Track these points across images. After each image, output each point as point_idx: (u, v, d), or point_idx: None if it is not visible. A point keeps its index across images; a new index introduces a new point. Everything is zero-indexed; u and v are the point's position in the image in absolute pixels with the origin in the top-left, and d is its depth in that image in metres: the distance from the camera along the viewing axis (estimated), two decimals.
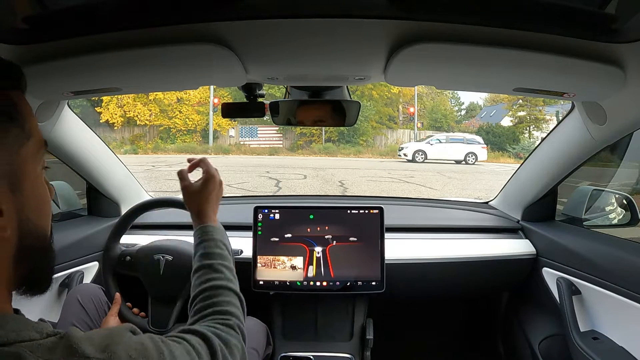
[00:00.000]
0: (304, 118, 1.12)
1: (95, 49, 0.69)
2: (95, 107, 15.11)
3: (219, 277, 0.66)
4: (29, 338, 0.36)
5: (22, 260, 0.41)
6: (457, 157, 13.42)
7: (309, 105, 1.11)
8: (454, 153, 13.52)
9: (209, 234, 0.73)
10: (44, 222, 0.44)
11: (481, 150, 13.77)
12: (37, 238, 0.43)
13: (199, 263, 0.69)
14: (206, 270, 0.67)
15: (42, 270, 0.44)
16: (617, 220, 1.42)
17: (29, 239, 0.41)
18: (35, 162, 0.43)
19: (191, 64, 0.76)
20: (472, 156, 13.49)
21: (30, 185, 0.42)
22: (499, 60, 0.71)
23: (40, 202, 0.44)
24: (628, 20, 0.62)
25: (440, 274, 1.33)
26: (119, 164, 1.36)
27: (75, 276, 1.17)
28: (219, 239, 0.73)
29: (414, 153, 13.43)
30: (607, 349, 1.02)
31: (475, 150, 13.63)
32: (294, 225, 1.23)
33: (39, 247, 0.43)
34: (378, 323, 1.27)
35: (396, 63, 0.72)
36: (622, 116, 0.89)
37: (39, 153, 0.44)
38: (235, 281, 0.67)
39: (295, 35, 0.70)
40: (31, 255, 0.42)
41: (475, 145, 13.84)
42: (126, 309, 1.04)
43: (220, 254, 0.70)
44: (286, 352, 1.22)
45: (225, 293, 0.64)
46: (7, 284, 0.40)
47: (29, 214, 0.41)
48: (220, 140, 16.32)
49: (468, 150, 13.56)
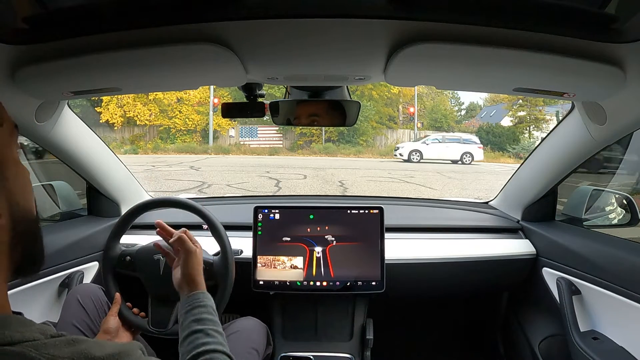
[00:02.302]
0: (304, 118, 1.12)
1: (95, 49, 0.69)
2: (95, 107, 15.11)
3: (213, 342, 0.69)
4: (32, 338, 0.37)
5: (17, 245, 0.41)
6: (453, 157, 13.41)
7: (309, 105, 1.11)
8: (450, 153, 13.50)
9: (200, 300, 0.77)
10: (29, 202, 0.45)
11: (477, 150, 13.77)
12: (28, 220, 0.43)
13: (191, 328, 0.71)
14: (200, 335, 0.70)
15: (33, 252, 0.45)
16: (617, 220, 1.42)
17: (20, 224, 0.42)
18: (11, 146, 0.44)
19: (191, 64, 0.76)
20: (468, 156, 13.46)
21: (13, 169, 0.43)
22: (499, 60, 0.71)
23: (24, 183, 0.45)
24: (628, 20, 0.62)
25: (440, 274, 1.33)
26: (119, 164, 1.36)
27: (75, 276, 1.16)
28: (210, 305, 0.77)
29: (410, 153, 13.41)
30: (607, 349, 1.02)
31: (472, 150, 13.62)
32: (294, 225, 1.23)
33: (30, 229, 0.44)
34: (378, 323, 1.27)
35: (396, 63, 0.72)
36: (622, 116, 0.90)
37: (12, 136, 0.45)
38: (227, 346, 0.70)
39: (295, 35, 0.70)
40: (25, 239, 0.43)
41: (471, 145, 13.82)
42: (126, 309, 1.04)
43: (212, 319, 0.74)
44: (286, 352, 1.22)
45: (221, 357, 0.67)
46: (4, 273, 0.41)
47: (17, 197, 0.42)
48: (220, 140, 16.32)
49: (464, 150, 13.55)
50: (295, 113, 1.12)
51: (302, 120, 1.12)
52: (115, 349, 0.41)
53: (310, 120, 1.12)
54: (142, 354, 0.44)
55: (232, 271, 1.05)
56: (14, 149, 0.45)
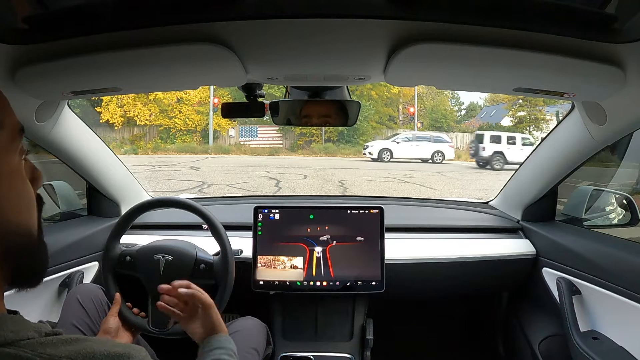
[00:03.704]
0: (304, 118, 1.12)
1: (95, 49, 0.69)
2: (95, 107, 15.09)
3: None
4: (27, 337, 0.35)
5: (7, 261, 0.38)
6: (424, 155, 12.99)
7: (309, 105, 1.11)
8: (421, 152, 13.04)
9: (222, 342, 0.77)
10: (26, 218, 0.40)
11: (448, 148, 13.39)
12: (21, 236, 0.39)
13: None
14: None
15: (31, 266, 0.42)
16: (617, 220, 1.42)
17: (11, 240, 0.38)
18: (9, 155, 0.39)
19: (191, 64, 0.76)
20: (439, 155, 13.04)
21: (6, 182, 0.38)
22: (499, 60, 0.71)
23: (20, 197, 0.40)
24: (628, 20, 0.62)
25: (440, 274, 1.33)
26: (119, 164, 1.36)
27: (75, 276, 1.17)
28: (231, 348, 0.77)
29: (380, 152, 12.79)
30: (607, 349, 1.02)
31: (443, 149, 13.20)
32: (294, 225, 1.23)
33: (24, 244, 0.40)
34: (378, 323, 1.27)
35: (396, 63, 0.72)
36: (622, 116, 0.90)
37: (13, 143, 0.39)
38: None
39: (295, 35, 0.70)
40: (17, 254, 0.39)
41: (442, 144, 13.40)
42: (126, 309, 1.04)
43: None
44: (286, 352, 1.21)
45: None
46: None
47: (8, 214, 0.38)
48: (220, 140, 16.31)
49: (435, 149, 13.11)
50: (295, 113, 1.12)
51: (302, 120, 1.12)
52: (121, 348, 0.39)
53: (310, 120, 1.12)
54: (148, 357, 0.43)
55: (232, 271, 1.05)
56: (13, 158, 0.39)
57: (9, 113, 0.40)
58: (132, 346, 0.41)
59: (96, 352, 0.37)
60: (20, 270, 0.40)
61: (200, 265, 1.06)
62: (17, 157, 0.40)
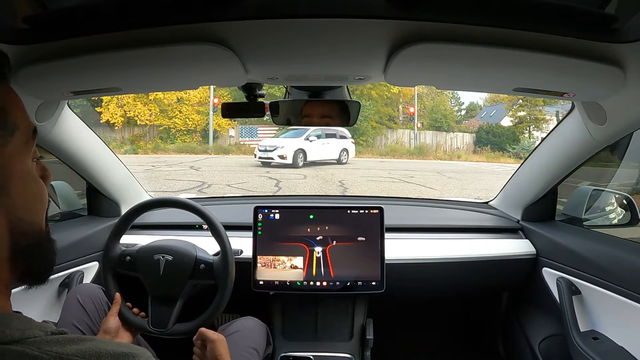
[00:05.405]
0: (304, 118, 1.12)
1: (95, 49, 0.69)
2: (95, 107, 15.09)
3: None
4: (33, 336, 0.36)
5: (18, 259, 0.39)
6: (334, 156, 11.42)
7: (309, 105, 1.11)
8: (331, 151, 11.41)
9: None
10: (38, 218, 0.42)
11: (350, 145, 11.93)
12: (32, 236, 0.40)
13: None
14: None
15: (41, 263, 0.43)
16: (617, 220, 1.42)
17: (23, 240, 0.39)
18: (23, 157, 0.40)
19: (191, 64, 0.76)
20: (345, 154, 11.58)
21: (19, 184, 0.39)
22: (499, 60, 0.71)
23: (32, 199, 0.41)
24: (628, 20, 0.62)
25: (440, 274, 1.33)
26: (119, 164, 1.36)
27: (75, 276, 1.17)
28: None
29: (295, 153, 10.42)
30: (607, 349, 1.02)
31: (347, 146, 11.73)
32: (294, 225, 1.23)
33: (34, 243, 0.41)
34: (378, 323, 1.27)
35: (396, 63, 0.72)
36: (622, 116, 0.89)
37: (27, 145, 0.40)
38: None
39: (295, 35, 0.70)
40: (28, 253, 0.40)
41: (346, 141, 11.79)
42: (126, 309, 1.04)
43: None
44: (286, 352, 1.21)
45: None
46: (6, 282, 0.39)
47: (21, 214, 0.39)
48: (220, 140, 16.30)
49: (342, 147, 11.59)
50: (295, 113, 1.12)
51: (302, 120, 1.12)
52: (127, 348, 0.39)
53: (310, 120, 1.12)
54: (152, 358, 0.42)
55: (232, 271, 1.05)
56: (27, 160, 0.40)
57: (23, 114, 0.41)
58: (136, 347, 0.41)
59: (102, 352, 0.37)
60: (31, 267, 0.41)
61: (200, 265, 1.06)
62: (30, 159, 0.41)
